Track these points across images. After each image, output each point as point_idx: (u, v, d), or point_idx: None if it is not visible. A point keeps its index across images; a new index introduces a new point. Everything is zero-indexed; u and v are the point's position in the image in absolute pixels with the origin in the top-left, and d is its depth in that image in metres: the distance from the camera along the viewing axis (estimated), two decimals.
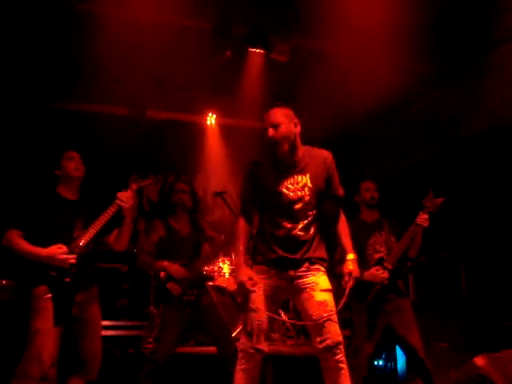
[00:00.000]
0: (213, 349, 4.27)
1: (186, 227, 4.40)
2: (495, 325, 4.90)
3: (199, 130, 7.43)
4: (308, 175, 3.17)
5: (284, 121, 3.10)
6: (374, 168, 6.95)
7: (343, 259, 3.23)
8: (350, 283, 3.13)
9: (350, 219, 3.40)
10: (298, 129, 3.16)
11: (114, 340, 5.17)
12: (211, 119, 7.42)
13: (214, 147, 7.54)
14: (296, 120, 3.17)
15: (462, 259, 5.48)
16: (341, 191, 3.29)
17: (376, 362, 5.71)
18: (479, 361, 3.13)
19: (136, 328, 5.70)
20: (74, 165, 3.53)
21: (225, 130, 7.49)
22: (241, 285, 3.06)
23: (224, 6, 5.12)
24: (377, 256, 4.22)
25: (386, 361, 5.77)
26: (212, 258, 4.89)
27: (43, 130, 6.51)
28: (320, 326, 3.01)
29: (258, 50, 5.60)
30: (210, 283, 5.79)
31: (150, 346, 5.32)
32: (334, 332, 3.02)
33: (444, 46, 5.51)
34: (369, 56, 5.74)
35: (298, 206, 3.15)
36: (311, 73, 6.01)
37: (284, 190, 3.14)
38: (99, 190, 3.63)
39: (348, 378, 3.01)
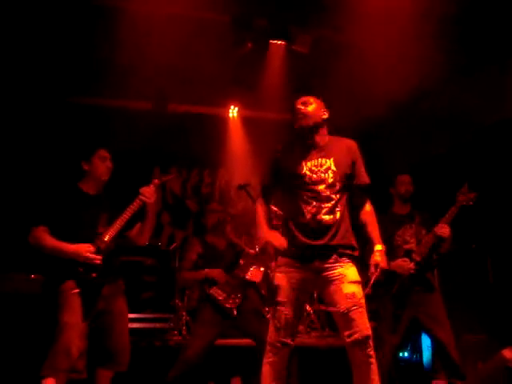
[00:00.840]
0: (240, 341, 4.29)
1: (223, 242, 4.48)
2: None
3: (221, 123, 7.42)
4: (332, 159, 3.17)
5: (314, 103, 3.21)
6: (396, 160, 6.87)
7: (371, 250, 3.21)
8: (376, 274, 3.11)
9: (381, 212, 3.38)
10: (326, 116, 3.24)
11: (139, 333, 5.21)
12: (233, 112, 7.41)
13: (237, 140, 7.52)
14: (325, 109, 3.25)
15: (488, 250, 5.41)
16: (366, 179, 3.27)
17: (401, 354, 5.69)
18: (507, 353, 3.09)
19: (161, 320, 5.74)
20: (104, 167, 3.54)
21: (247, 122, 7.47)
22: (268, 243, 3.13)
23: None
24: (405, 247, 4.19)
25: (411, 352, 5.74)
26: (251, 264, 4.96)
27: (67, 124, 6.57)
28: (348, 319, 2.99)
29: (279, 42, 5.57)
30: None
31: (175, 338, 5.37)
32: (363, 325, 2.98)
33: (468, 38, 5.44)
34: (391, 48, 5.67)
35: (321, 188, 3.12)
36: (333, 64, 5.96)
37: (307, 172, 3.15)
38: (122, 185, 3.65)
39: (376, 372, 2.99)
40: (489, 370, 3.25)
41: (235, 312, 4.14)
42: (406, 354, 5.75)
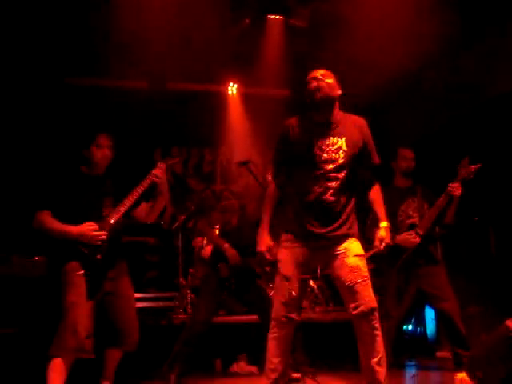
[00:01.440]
0: (245, 317, 4.32)
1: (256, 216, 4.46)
2: None
3: (221, 100, 7.37)
4: (344, 139, 3.10)
5: (332, 77, 3.07)
6: (399, 133, 6.84)
7: (376, 226, 3.21)
8: (380, 248, 3.12)
9: (384, 185, 3.37)
10: (340, 92, 3.08)
11: (144, 312, 5.26)
12: (232, 89, 7.35)
13: (237, 117, 7.47)
14: (338, 86, 3.10)
15: (490, 222, 5.41)
16: (377, 159, 3.23)
17: (405, 327, 5.73)
18: (511, 323, 3.11)
19: (166, 299, 5.78)
20: (100, 155, 3.53)
21: (247, 99, 7.40)
22: (260, 255, 3.12)
23: None
24: (409, 222, 4.21)
25: (415, 325, 5.79)
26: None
27: (66, 106, 6.54)
28: (354, 292, 3.00)
29: (277, 17, 5.50)
30: None
31: (181, 315, 5.41)
32: (368, 298, 3.00)
33: (466, 9, 5.37)
34: (390, 19, 5.60)
35: (330, 168, 3.07)
36: (332, 38, 5.89)
37: (317, 151, 3.08)
38: (123, 165, 3.66)
39: (382, 344, 3.00)
40: (493, 339, 3.26)
41: (225, 292, 4.27)
42: (410, 327, 5.81)
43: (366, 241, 3.64)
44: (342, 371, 4.49)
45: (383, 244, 3.12)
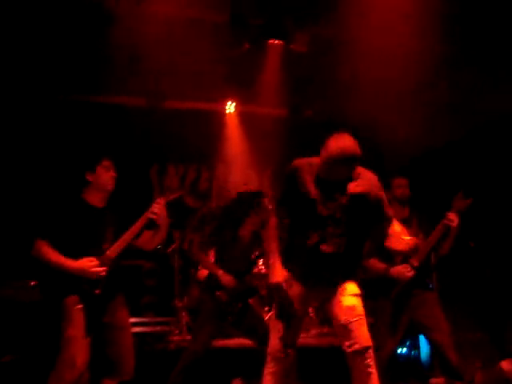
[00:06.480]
0: (238, 342, 4.33)
1: (248, 236, 4.53)
2: None
3: (218, 118, 7.40)
4: (349, 195, 3.03)
5: (356, 157, 2.96)
6: (396, 153, 6.87)
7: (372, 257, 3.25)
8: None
9: None
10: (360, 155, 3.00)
11: (140, 337, 5.24)
12: (230, 107, 7.38)
13: (234, 135, 7.50)
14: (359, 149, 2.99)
15: (486, 247, 5.44)
16: (388, 214, 3.17)
17: (400, 350, 5.74)
18: (506, 365, 3.13)
19: (162, 324, 5.77)
20: (109, 177, 3.48)
21: (244, 117, 7.44)
22: (277, 286, 3.02)
23: None
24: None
25: (409, 349, 5.80)
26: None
27: (62, 123, 6.53)
28: (348, 330, 3.01)
29: (276, 42, 5.53)
30: None
31: (176, 338, 5.41)
32: (363, 336, 3.01)
33: (468, 26, 5.42)
34: (388, 40, 5.66)
35: (330, 222, 3.05)
36: (330, 59, 5.94)
37: (320, 203, 3.05)
38: (120, 181, 3.63)
39: (377, 380, 3.01)
40: (488, 380, 3.28)
41: (230, 318, 4.28)
42: (404, 350, 5.81)
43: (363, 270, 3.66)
44: None
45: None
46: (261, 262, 5.67)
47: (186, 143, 7.11)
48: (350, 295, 3.09)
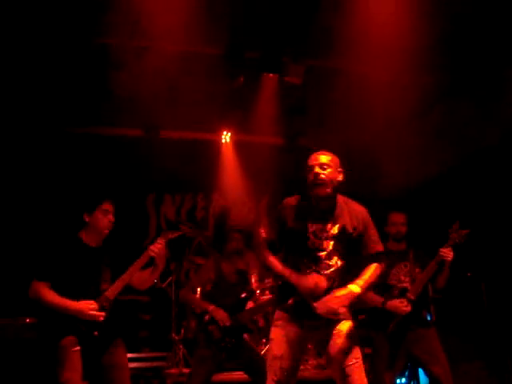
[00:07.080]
0: (234, 376, 4.29)
1: (235, 275, 4.54)
2: None
3: (214, 148, 7.45)
4: (338, 225, 3.08)
5: (332, 165, 3.06)
6: (391, 182, 6.90)
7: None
8: (320, 312, 3.01)
9: None
10: (342, 178, 3.11)
11: (137, 372, 5.20)
12: (226, 137, 7.42)
13: (230, 164, 7.54)
14: (341, 169, 3.12)
15: (483, 277, 5.43)
16: (379, 247, 3.18)
17: (399, 381, 5.69)
18: None
19: (159, 359, 5.72)
20: (107, 220, 3.48)
21: (240, 146, 7.49)
22: (315, 285, 2.99)
23: (235, 32, 5.14)
24: (400, 286, 4.19)
25: (408, 379, 5.75)
26: (255, 314, 5.08)
27: (60, 155, 6.58)
28: (345, 375, 2.98)
29: (271, 74, 5.59)
30: None
31: (173, 371, 5.36)
32: (359, 380, 2.98)
33: (459, 58, 5.49)
34: (383, 72, 5.73)
35: (322, 254, 3.08)
36: (325, 90, 6.01)
37: (310, 236, 3.06)
38: (117, 212, 3.62)
39: None
40: None
41: (224, 355, 4.23)
42: (403, 381, 5.76)
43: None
44: None
45: (325, 310, 3.00)
46: (258, 292, 5.66)
47: (182, 173, 7.14)
48: (346, 336, 3.05)
